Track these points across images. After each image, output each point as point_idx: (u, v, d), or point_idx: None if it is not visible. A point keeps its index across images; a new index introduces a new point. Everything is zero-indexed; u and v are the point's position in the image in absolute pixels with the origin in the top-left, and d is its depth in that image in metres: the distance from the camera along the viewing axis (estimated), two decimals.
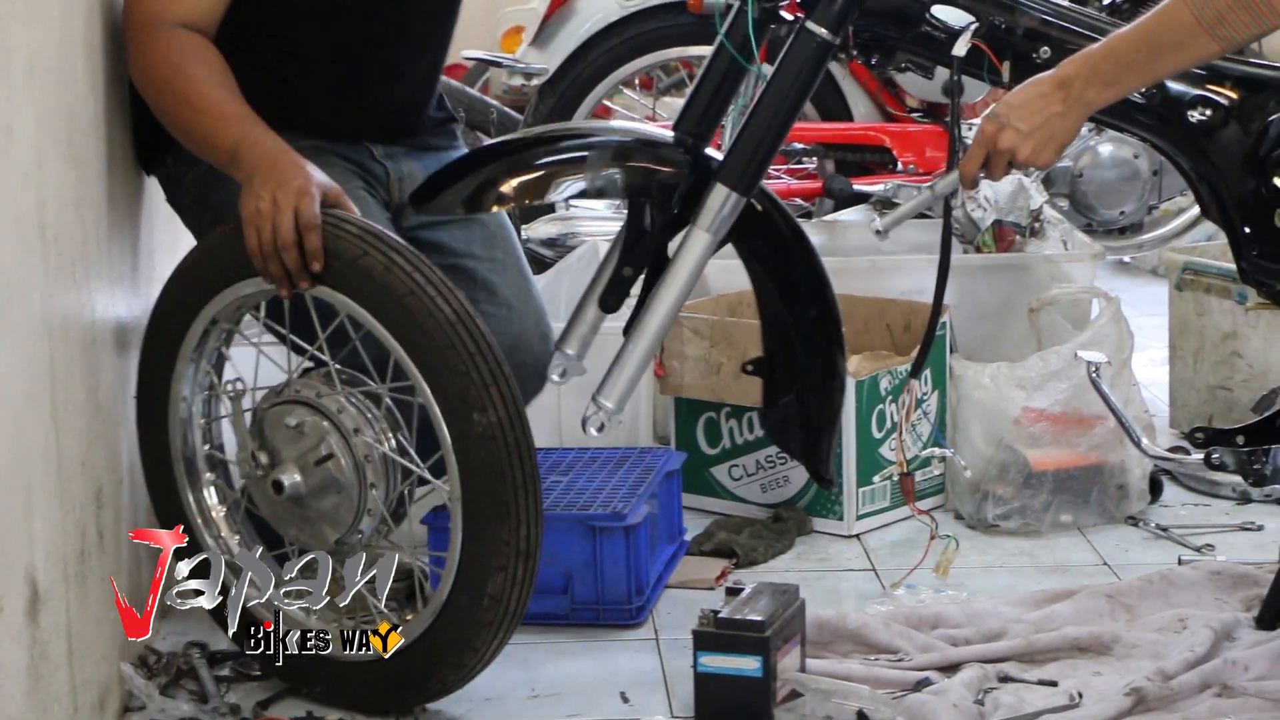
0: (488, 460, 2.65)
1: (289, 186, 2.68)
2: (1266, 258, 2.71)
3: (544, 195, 2.85)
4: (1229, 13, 2.44)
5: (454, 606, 2.72)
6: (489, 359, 2.66)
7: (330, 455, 2.77)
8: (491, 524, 2.67)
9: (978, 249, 4.32)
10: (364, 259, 2.68)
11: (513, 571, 2.69)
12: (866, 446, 3.57)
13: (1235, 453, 2.79)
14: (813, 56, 2.69)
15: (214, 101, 2.78)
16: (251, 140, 2.75)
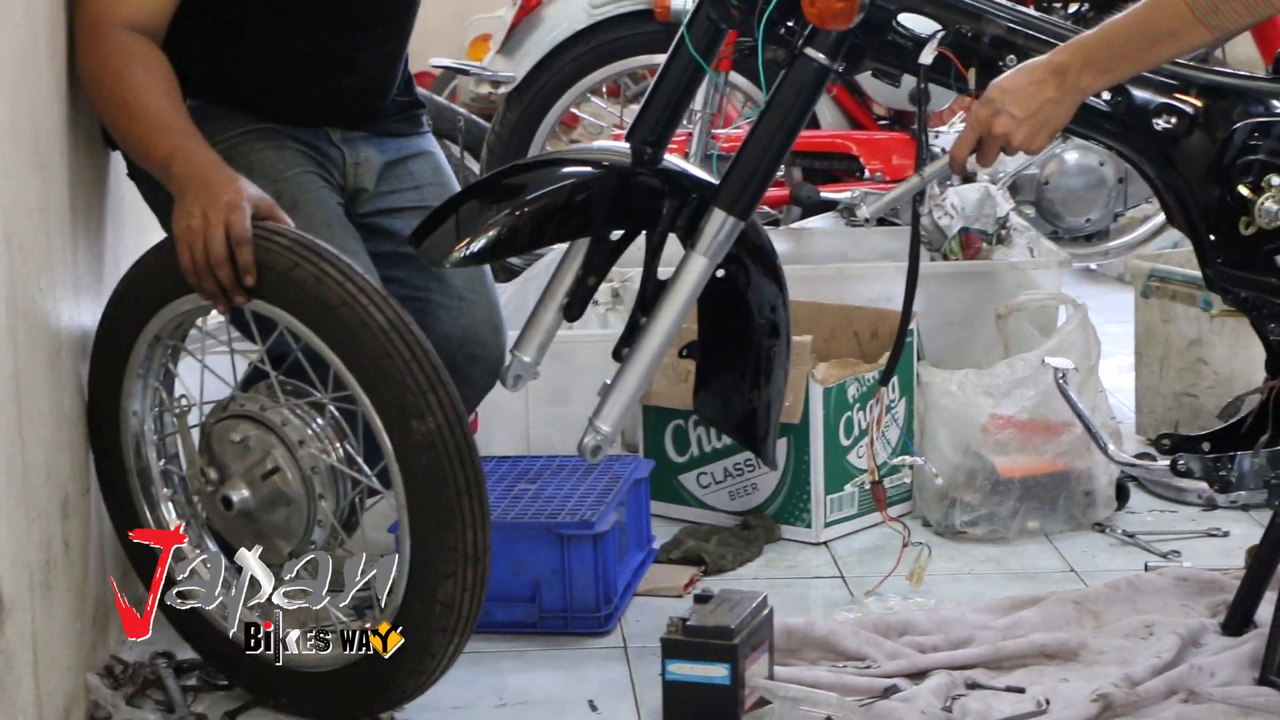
0: (429, 467, 2.64)
1: (219, 202, 2.67)
2: (1231, 265, 2.72)
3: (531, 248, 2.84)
4: (1222, 2, 2.46)
5: (408, 614, 2.72)
6: (425, 366, 2.65)
7: (276, 469, 2.76)
8: (437, 531, 2.66)
9: (945, 256, 4.33)
10: (295, 271, 2.67)
11: (462, 577, 2.68)
12: (834, 454, 3.57)
13: (1201, 459, 2.80)
14: (810, 82, 2.69)
15: (152, 110, 2.77)
16: (185, 154, 2.74)
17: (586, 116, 5.98)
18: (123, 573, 3.12)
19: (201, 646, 2.94)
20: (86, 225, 2.93)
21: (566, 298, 2.92)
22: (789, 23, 2.68)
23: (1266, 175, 2.68)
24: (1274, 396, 2.77)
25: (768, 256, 2.93)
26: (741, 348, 2.96)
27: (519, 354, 2.93)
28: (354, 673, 2.77)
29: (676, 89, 2.88)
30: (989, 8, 2.72)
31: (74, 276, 2.83)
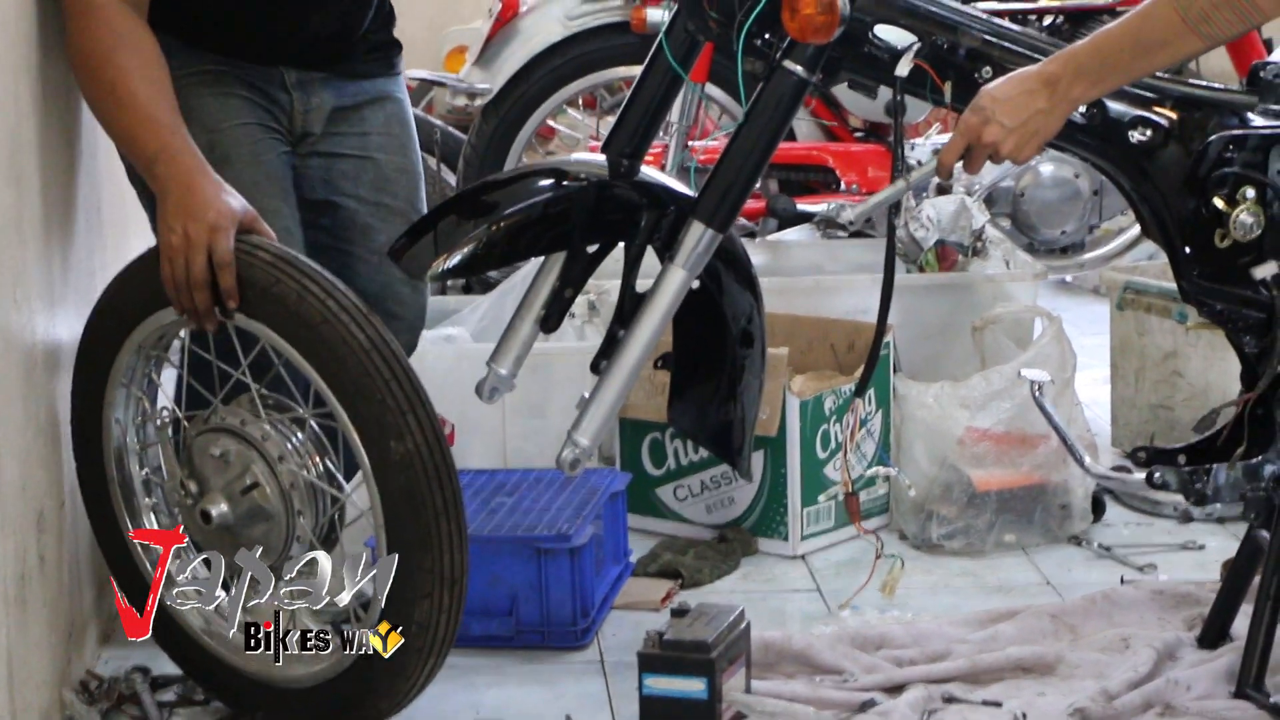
0: (407, 487, 2.63)
1: (202, 221, 2.66)
2: (1207, 277, 2.73)
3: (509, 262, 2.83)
4: (1214, 11, 2.47)
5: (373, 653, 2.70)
6: (405, 385, 2.64)
7: (255, 484, 2.75)
8: (414, 551, 2.65)
9: (920, 269, 4.33)
10: (277, 287, 2.66)
11: (438, 599, 2.67)
12: (811, 466, 3.57)
13: (1177, 472, 2.80)
14: (789, 94, 2.69)
15: (141, 101, 2.75)
16: (170, 154, 2.72)
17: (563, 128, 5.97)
18: (99, 585, 3.11)
19: (180, 658, 2.93)
20: (62, 238, 2.92)
21: (543, 310, 2.91)
22: (766, 35, 2.68)
23: (1241, 188, 2.69)
24: (1249, 409, 2.77)
25: (742, 266, 2.93)
26: (716, 359, 2.96)
27: (495, 366, 2.93)
28: (330, 690, 2.76)
29: (653, 100, 2.88)
30: (965, 20, 2.73)
31: (49, 290, 2.82)
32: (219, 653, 2.85)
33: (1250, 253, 2.71)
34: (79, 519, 2.98)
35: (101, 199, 3.21)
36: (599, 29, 4.98)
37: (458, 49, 6.30)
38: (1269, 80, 2.73)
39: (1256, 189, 2.69)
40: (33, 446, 2.69)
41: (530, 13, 5.07)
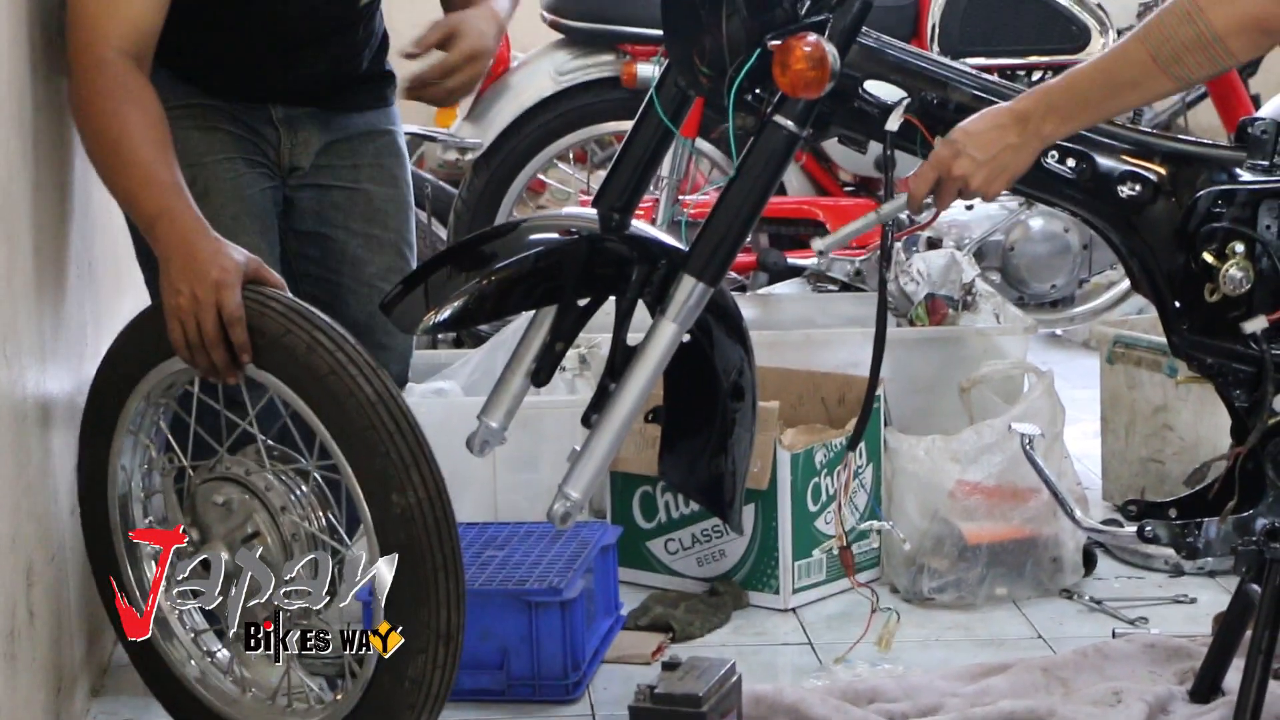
0: (407, 542, 2.63)
1: (207, 280, 2.67)
2: (1197, 331, 2.73)
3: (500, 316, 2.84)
4: (1185, 53, 2.48)
5: (377, 688, 2.70)
6: (409, 439, 2.64)
7: (256, 533, 2.75)
8: (412, 606, 2.65)
9: (911, 322, 4.34)
10: (287, 337, 2.67)
11: (433, 655, 2.67)
12: (802, 520, 3.57)
13: (1168, 525, 2.80)
14: (780, 149, 2.69)
15: (143, 162, 2.76)
16: (171, 216, 2.72)
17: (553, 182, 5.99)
18: (88, 638, 3.11)
19: (173, 708, 2.92)
20: (54, 293, 2.92)
21: (534, 363, 2.91)
22: (757, 90, 2.69)
23: (1230, 242, 2.69)
24: (1240, 463, 2.77)
25: (733, 320, 2.93)
26: (707, 412, 2.96)
27: (486, 420, 2.93)
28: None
29: (644, 154, 2.89)
30: (954, 76, 2.74)
31: (41, 345, 2.82)
32: (212, 703, 2.84)
33: (1240, 307, 2.72)
34: (68, 572, 2.97)
35: (94, 253, 3.21)
36: (589, 84, 5.00)
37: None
38: (1257, 136, 2.74)
39: (1245, 244, 2.70)
40: (22, 501, 2.68)
41: (521, 68, 5.09)
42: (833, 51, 2.59)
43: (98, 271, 3.24)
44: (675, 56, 2.78)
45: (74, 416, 3.07)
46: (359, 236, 3.14)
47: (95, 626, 3.17)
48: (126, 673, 3.22)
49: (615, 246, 2.83)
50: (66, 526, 2.97)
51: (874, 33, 2.73)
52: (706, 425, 2.95)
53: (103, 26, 2.78)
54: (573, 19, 5.01)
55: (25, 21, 2.79)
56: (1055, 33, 4.92)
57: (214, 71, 3.00)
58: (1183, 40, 2.48)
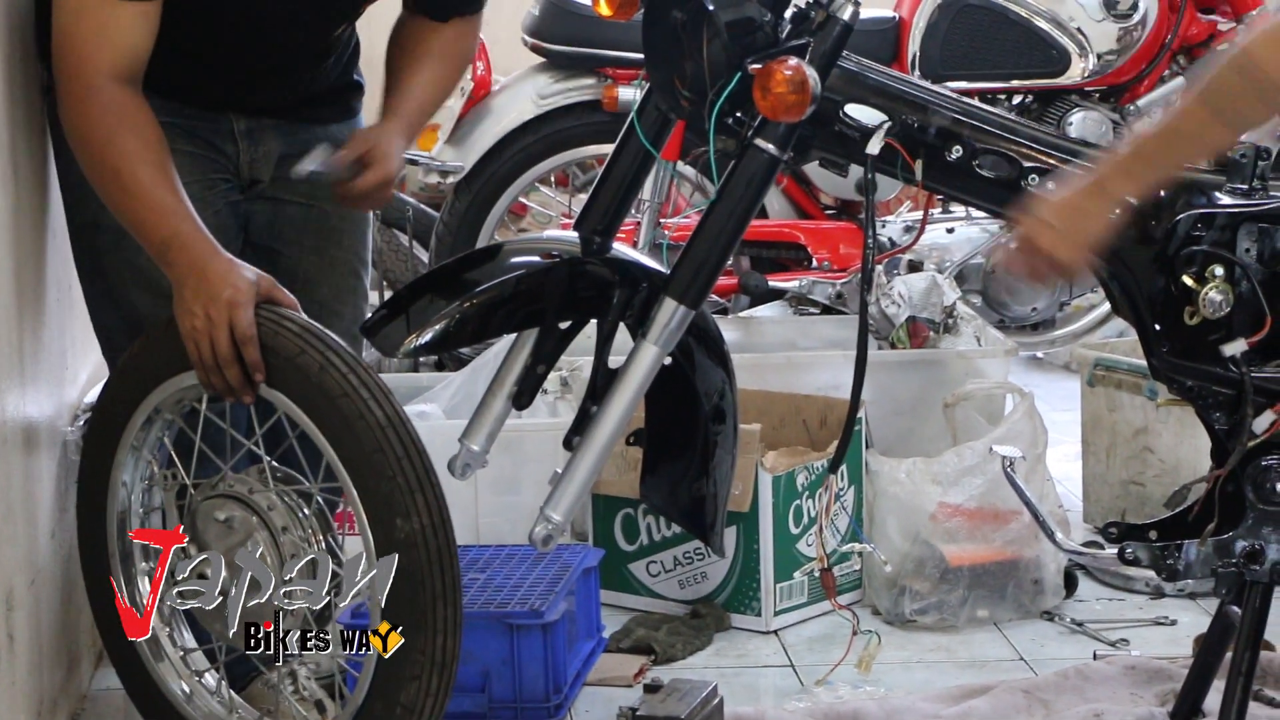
0: (407, 567, 2.62)
1: (220, 300, 2.67)
2: (1176, 354, 2.74)
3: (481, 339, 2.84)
4: (1241, 103, 2.50)
5: (368, 713, 2.69)
6: (417, 465, 2.65)
7: (257, 552, 2.74)
8: (408, 633, 2.65)
9: (892, 345, 4.35)
10: (301, 357, 2.68)
11: (426, 682, 2.66)
12: (783, 542, 3.58)
13: (1149, 547, 2.80)
14: (761, 172, 2.70)
15: (147, 187, 2.75)
16: (181, 241, 2.72)
17: (535, 206, 5.99)
18: (69, 663, 3.10)
19: None
20: (34, 317, 2.92)
21: (516, 386, 2.91)
22: (738, 113, 2.69)
23: (1210, 266, 2.70)
24: (1220, 485, 2.78)
25: (715, 343, 2.94)
26: (688, 434, 2.96)
27: (467, 443, 2.93)
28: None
29: (625, 178, 2.89)
30: (934, 99, 2.75)
31: (20, 369, 2.82)
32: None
33: (1220, 330, 2.72)
34: (49, 597, 2.97)
35: (73, 276, 3.20)
36: (571, 107, 5.00)
37: (430, 126, 6.29)
38: (1236, 160, 2.74)
39: (1225, 267, 2.71)
40: (3, 525, 2.68)
41: (502, 91, 5.09)
42: (813, 75, 2.60)
43: (76, 294, 3.22)
44: (656, 80, 2.78)
45: (54, 440, 3.06)
46: (312, 254, 3.12)
47: (75, 652, 3.16)
48: (106, 697, 3.21)
49: (597, 269, 2.83)
50: (47, 551, 2.97)
51: (855, 56, 2.73)
52: (688, 448, 2.95)
53: (91, 53, 2.76)
54: (554, 43, 5.02)
55: (4, 44, 2.78)
56: (1035, 57, 4.93)
57: (173, 85, 2.98)
58: (1238, 90, 2.49)
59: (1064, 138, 2.85)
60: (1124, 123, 4.91)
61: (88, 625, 3.26)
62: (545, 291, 2.79)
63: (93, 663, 3.32)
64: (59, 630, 3.03)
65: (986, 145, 2.71)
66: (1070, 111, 4.90)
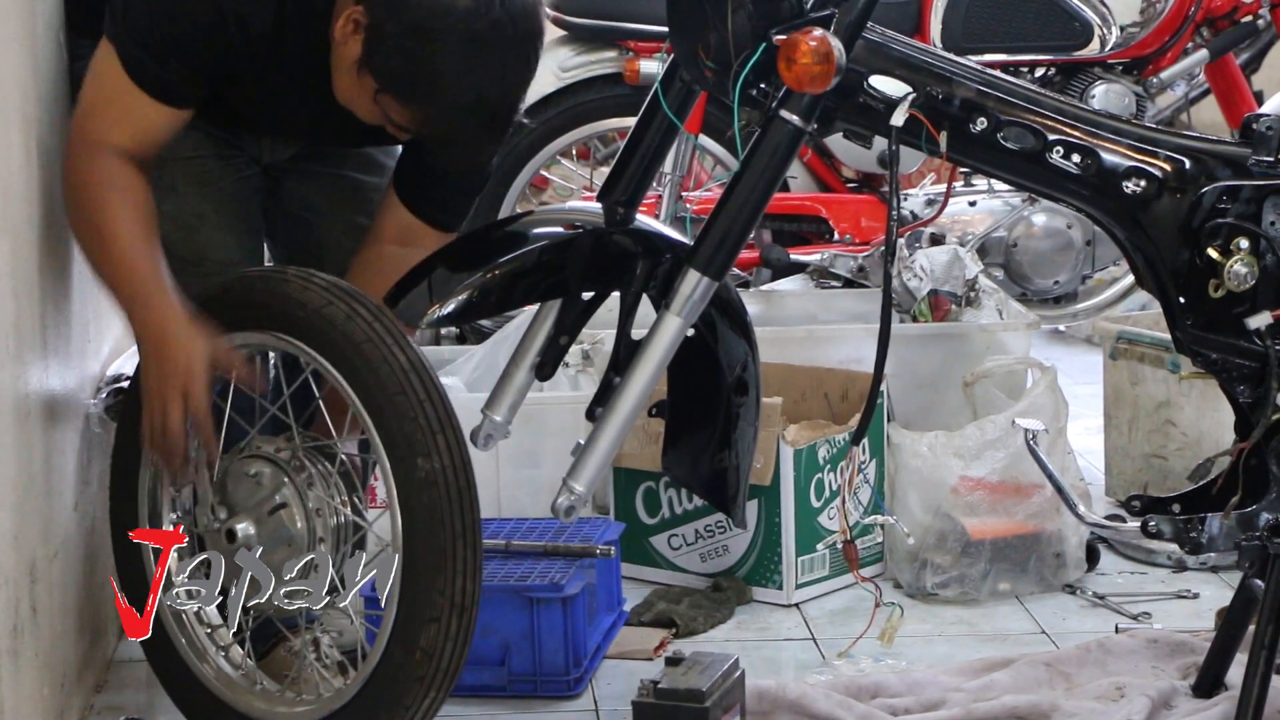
0: (429, 506, 2.66)
1: (175, 372, 2.73)
2: (1201, 327, 2.73)
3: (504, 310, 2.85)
4: None
5: (388, 661, 2.71)
6: (438, 408, 2.70)
7: (284, 505, 2.78)
8: (428, 573, 2.67)
9: (914, 318, 4.34)
10: (327, 308, 2.73)
11: (446, 624, 2.68)
12: (805, 515, 3.57)
13: (1172, 521, 2.80)
14: (785, 144, 2.69)
15: (125, 248, 2.78)
16: (144, 301, 2.77)
17: (556, 179, 5.98)
18: (91, 635, 3.11)
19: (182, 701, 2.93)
20: (55, 290, 2.92)
21: (538, 357, 2.92)
22: (762, 85, 2.69)
23: (1235, 238, 2.69)
24: (1244, 458, 2.77)
25: (738, 315, 2.93)
26: (711, 407, 2.95)
27: (490, 414, 2.93)
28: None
29: (649, 149, 2.89)
30: (959, 71, 2.74)
31: (42, 342, 2.82)
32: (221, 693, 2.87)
33: (1244, 303, 2.72)
34: (72, 569, 2.97)
35: None
36: (592, 80, 4.99)
37: None
38: (1261, 132, 2.73)
39: (1250, 240, 2.70)
40: (25, 498, 2.68)
41: None
42: (838, 46, 2.59)
43: None
44: (680, 51, 2.78)
45: (76, 413, 3.07)
46: (341, 223, 3.13)
47: (98, 623, 3.17)
48: (129, 669, 3.22)
49: (620, 241, 2.83)
50: (69, 523, 2.97)
51: (879, 28, 2.73)
52: (710, 420, 2.95)
53: (109, 129, 2.80)
54: (575, 15, 5.01)
55: (28, 19, 2.78)
56: (1057, 29, 4.91)
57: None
58: None
59: (1089, 110, 2.83)
60: (1146, 95, 4.90)
61: (110, 597, 3.27)
62: (568, 262, 2.79)
63: (116, 634, 3.32)
64: (82, 602, 3.03)
65: (1011, 117, 2.70)
66: (1093, 84, 4.88)
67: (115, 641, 3.31)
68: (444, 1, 2.71)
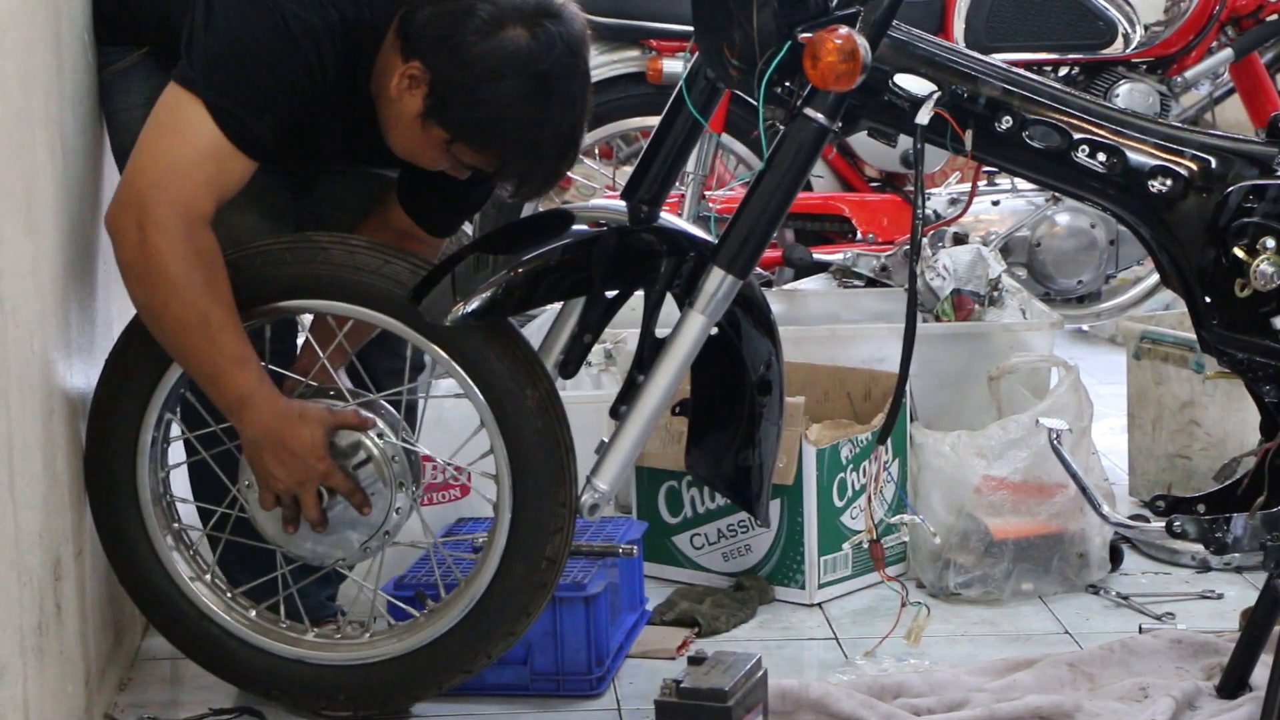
0: (544, 429, 2.84)
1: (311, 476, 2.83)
2: (1226, 327, 2.73)
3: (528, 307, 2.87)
4: None
5: (507, 576, 2.89)
6: (523, 344, 2.87)
7: (369, 458, 2.86)
8: (550, 488, 2.87)
9: (937, 318, 4.33)
10: (387, 266, 2.84)
11: (567, 531, 2.89)
12: (828, 515, 3.57)
13: (1197, 521, 2.79)
14: (810, 142, 2.69)
15: (231, 341, 2.77)
16: (256, 403, 2.80)
17: (579, 178, 5.98)
18: (116, 632, 3.11)
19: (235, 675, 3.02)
20: (79, 288, 2.93)
21: (562, 355, 2.92)
22: (787, 83, 2.69)
23: (1261, 238, 2.69)
24: (1269, 458, 2.76)
25: (762, 313, 2.93)
26: (735, 405, 2.96)
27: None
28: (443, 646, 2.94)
29: (673, 148, 2.89)
30: (984, 70, 2.73)
31: (66, 339, 2.83)
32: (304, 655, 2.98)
33: (1270, 302, 2.71)
34: (96, 567, 2.98)
35: None
36: (614, 79, 4.99)
37: None
38: None
39: (1276, 239, 2.69)
40: (50, 495, 2.69)
41: None
42: (864, 44, 2.59)
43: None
44: (705, 49, 2.78)
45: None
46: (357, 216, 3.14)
47: (122, 621, 3.17)
48: (153, 666, 3.23)
49: (644, 239, 2.83)
50: (93, 521, 2.97)
51: (904, 26, 2.72)
52: (734, 419, 2.95)
53: (200, 196, 2.74)
54: (598, 14, 4.99)
55: (53, 18, 2.79)
56: (1082, 28, 4.90)
57: None
58: None
59: (1115, 109, 2.83)
60: (1171, 94, 4.89)
61: None
62: (592, 260, 2.79)
63: (140, 631, 3.33)
64: (106, 600, 3.04)
65: (1036, 115, 2.70)
66: (1117, 83, 4.87)
67: (139, 639, 3.32)
68: (507, 46, 2.74)
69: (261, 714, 3.01)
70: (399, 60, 2.78)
